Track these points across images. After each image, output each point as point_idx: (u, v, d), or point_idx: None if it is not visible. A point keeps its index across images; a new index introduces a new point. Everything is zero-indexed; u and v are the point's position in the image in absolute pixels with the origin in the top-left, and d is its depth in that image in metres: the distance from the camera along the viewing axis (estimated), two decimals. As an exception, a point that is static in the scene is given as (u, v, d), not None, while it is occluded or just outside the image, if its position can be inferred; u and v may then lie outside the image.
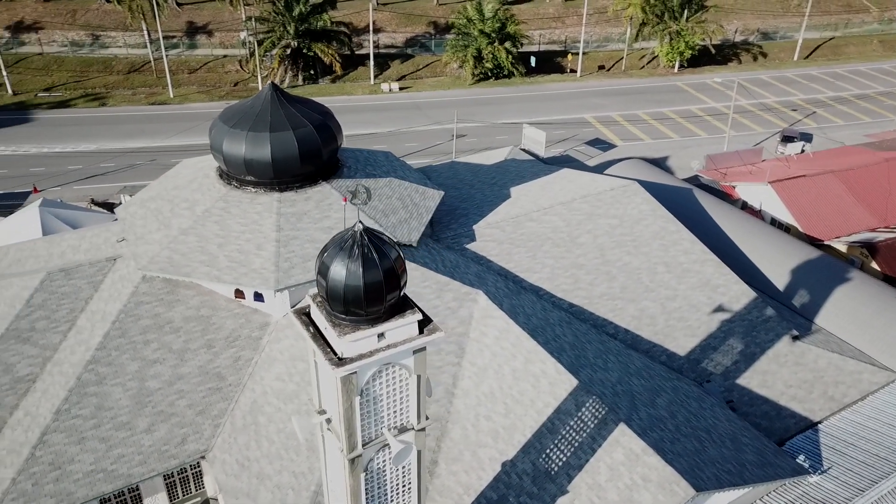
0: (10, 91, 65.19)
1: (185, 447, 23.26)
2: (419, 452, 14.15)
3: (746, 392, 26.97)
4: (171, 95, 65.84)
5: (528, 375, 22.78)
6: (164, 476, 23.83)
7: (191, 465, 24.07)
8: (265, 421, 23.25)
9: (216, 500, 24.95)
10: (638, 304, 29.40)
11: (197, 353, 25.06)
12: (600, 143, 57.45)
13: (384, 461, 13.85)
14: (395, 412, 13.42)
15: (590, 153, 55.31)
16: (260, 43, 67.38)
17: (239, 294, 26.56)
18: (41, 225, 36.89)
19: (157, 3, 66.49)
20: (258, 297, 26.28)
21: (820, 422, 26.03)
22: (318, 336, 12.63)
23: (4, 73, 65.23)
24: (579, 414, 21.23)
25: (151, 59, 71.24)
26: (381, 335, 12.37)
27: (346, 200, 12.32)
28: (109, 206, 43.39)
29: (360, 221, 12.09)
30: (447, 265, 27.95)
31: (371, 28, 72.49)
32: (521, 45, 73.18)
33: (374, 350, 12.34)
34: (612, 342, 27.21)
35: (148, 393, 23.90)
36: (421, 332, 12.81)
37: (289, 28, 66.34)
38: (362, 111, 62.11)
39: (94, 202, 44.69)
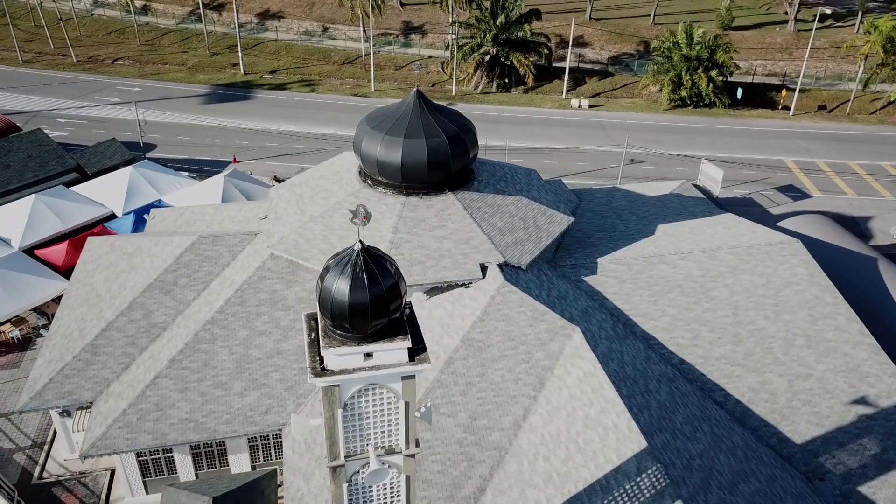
0: (242, 71, 73.82)
1: (268, 417, 25.06)
2: (408, 478, 14.08)
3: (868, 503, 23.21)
4: (373, 89, 70.40)
5: (598, 425, 21.58)
6: (248, 439, 25.90)
7: (272, 434, 25.89)
8: (340, 410, 24.31)
9: (291, 472, 26.59)
10: (760, 376, 26.44)
11: (299, 333, 26.80)
12: (792, 191, 52.04)
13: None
14: (382, 432, 13.49)
15: (777, 200, 50.37)
16: (460, 47, 69.67)
17: (350, 285, 27.93)
18: (222, 192, 41.61)
19: (381, 3, 71.33)
20: (365, 291, 27.42)
21: (957, 561, 21.76)
22: (314, 343, 13.07)
23: (241, 54, 73.97)
24: (638, 479, 19.72)
25: (363, 53, 76.70)
26: (367, 355, 12.51)
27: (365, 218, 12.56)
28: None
29: (361, 241, 12.30)
30: (552, 294, 27.16)
31: (570, 42, 71.82)
32: (731, 73, 68.24)
33: (357, 368, 12.51)
34: (716, 411, 24.79)
35: (249, 360, 26.07)
36: (412, 359, 12.75)
37: (489, 35, 67.86)
38: (545, 124, 61.78)
39: (276, 178, 49.32)
